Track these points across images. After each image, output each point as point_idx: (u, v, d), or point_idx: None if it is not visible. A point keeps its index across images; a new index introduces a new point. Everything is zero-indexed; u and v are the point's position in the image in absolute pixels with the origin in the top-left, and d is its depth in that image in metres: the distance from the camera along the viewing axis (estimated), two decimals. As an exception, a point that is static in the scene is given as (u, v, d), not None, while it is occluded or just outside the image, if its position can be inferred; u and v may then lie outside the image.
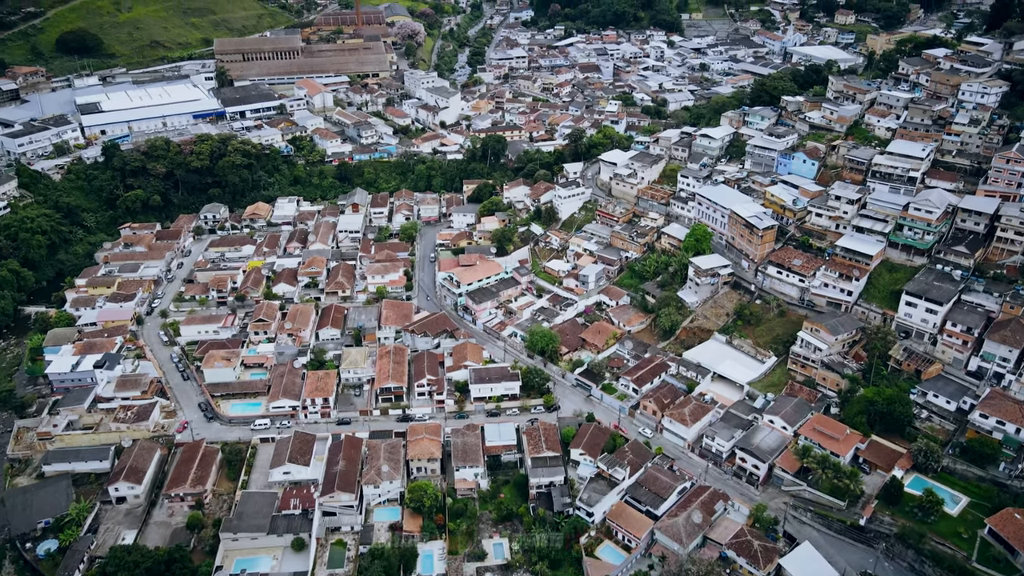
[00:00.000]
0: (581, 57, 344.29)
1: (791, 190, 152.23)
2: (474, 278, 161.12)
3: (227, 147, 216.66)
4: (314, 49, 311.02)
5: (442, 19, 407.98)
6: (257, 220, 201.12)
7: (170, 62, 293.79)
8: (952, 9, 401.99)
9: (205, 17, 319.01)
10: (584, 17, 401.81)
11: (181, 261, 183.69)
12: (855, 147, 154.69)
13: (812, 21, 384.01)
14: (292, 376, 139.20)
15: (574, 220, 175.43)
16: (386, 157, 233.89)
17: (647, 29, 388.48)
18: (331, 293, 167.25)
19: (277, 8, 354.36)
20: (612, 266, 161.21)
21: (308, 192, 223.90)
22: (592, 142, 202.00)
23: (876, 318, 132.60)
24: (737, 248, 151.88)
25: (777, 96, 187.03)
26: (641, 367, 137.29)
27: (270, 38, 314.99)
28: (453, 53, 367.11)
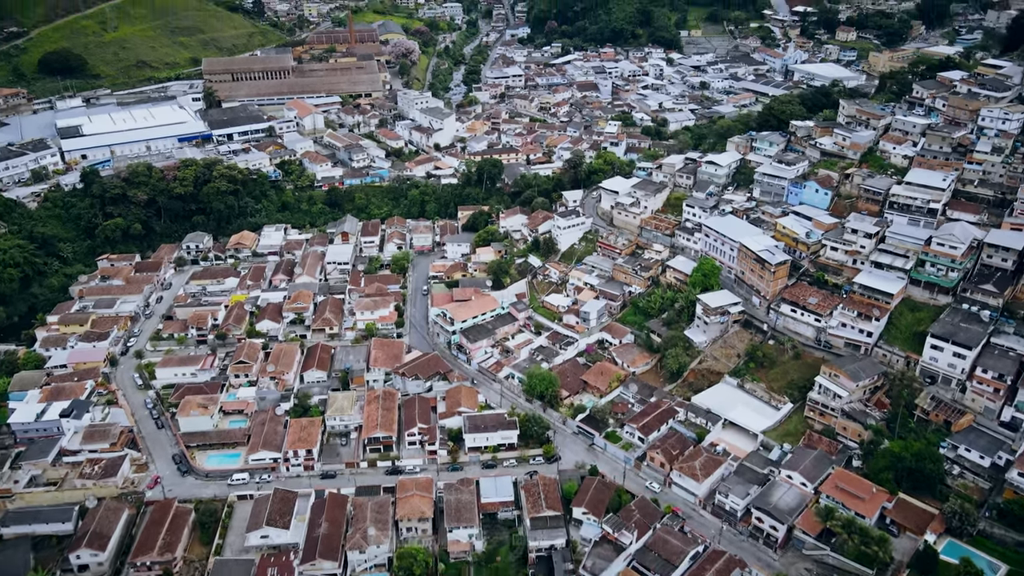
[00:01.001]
0: (579, 75, 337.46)
1: (804, 222, 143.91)
2: (469, 315, 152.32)
3: (212, 172, 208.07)
4: (305, 68, 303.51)
5: (437, 36, 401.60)
6: (242, 250, 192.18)
7: (157, 82, 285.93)
8: (954, 26, 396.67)
9: (194, 36, 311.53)
10: (581, 34, 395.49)
11: (161, 295, 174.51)
12: (870, 176, 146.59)
13: (813, 38, 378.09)
14: (274, 424, 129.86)
15: (574, 251, 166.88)
16: (378, 181, 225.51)
17: (645, 46, 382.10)
18: (318, 330, 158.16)
19: (268, 26, 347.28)
20: (615, 301, 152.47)
21: (297, 218, 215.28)
22: (592, 168, 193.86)
23: (899, 362, 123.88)
24: (747, 283, 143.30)
25: (785, 120, 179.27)
26: (647, 413, 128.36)
27: (260, 57, 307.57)
28: (448, 71, 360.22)
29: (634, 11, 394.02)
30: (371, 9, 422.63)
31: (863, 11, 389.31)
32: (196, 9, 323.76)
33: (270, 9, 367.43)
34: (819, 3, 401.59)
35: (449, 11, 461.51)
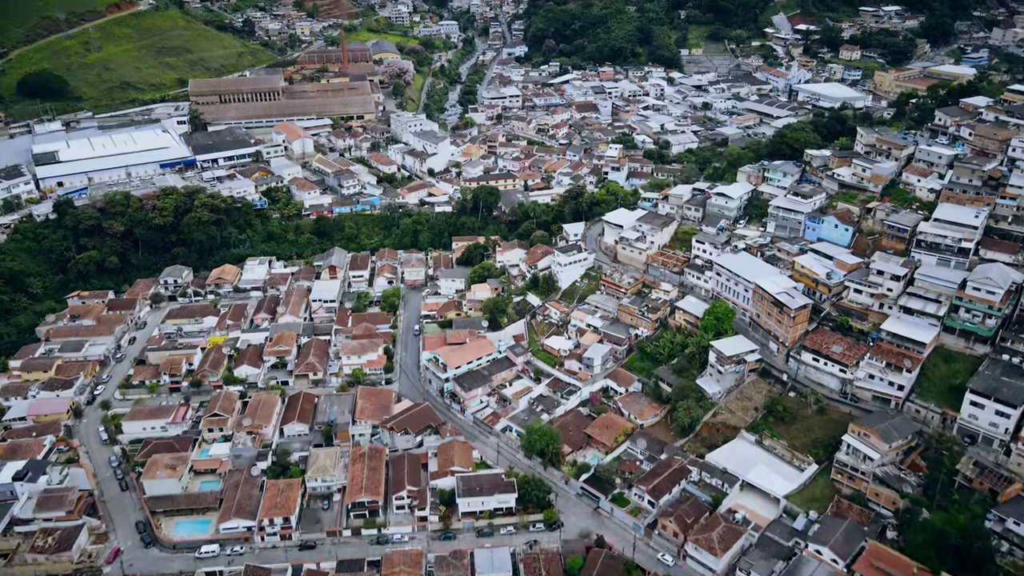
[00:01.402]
0: (578, 95, 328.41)
1: (824, 261, 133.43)
2: (463, 360, 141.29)
3: (194, 201, 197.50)
4: (296, 90, 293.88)
5: (432, 55, 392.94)
6: (223, 285, 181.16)
7: (141, 104, 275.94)
8: (959, 44, 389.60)
9: (181, 56, 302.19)
10: (580, 53, 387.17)
11: (134, 336, 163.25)
12: (894, 211, 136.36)
13: (816, 57, 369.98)
14: (248, 487, 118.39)
15: (575, 290, 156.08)
16: (369, 210, 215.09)
17: (645, 65, 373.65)
18: (301, 376, 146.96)
19: (259, 46, 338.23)
20: (620, 345, 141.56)
21: (283, 249, 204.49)
22: (594, 199, 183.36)
23: (934, 418, 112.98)
24: (764, 328, 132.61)
25: (799, 149, 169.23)
26: (657, 473, 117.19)
27: (249, 78, 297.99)
28: (444, 91, 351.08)
29: (633, 29, 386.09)
30: (365, 28, 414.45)
31: (866, 29, 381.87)
32: (184, 29, 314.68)
33: (261, 28, 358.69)
34: (821, 21, 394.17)
35: (445, 29, 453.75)
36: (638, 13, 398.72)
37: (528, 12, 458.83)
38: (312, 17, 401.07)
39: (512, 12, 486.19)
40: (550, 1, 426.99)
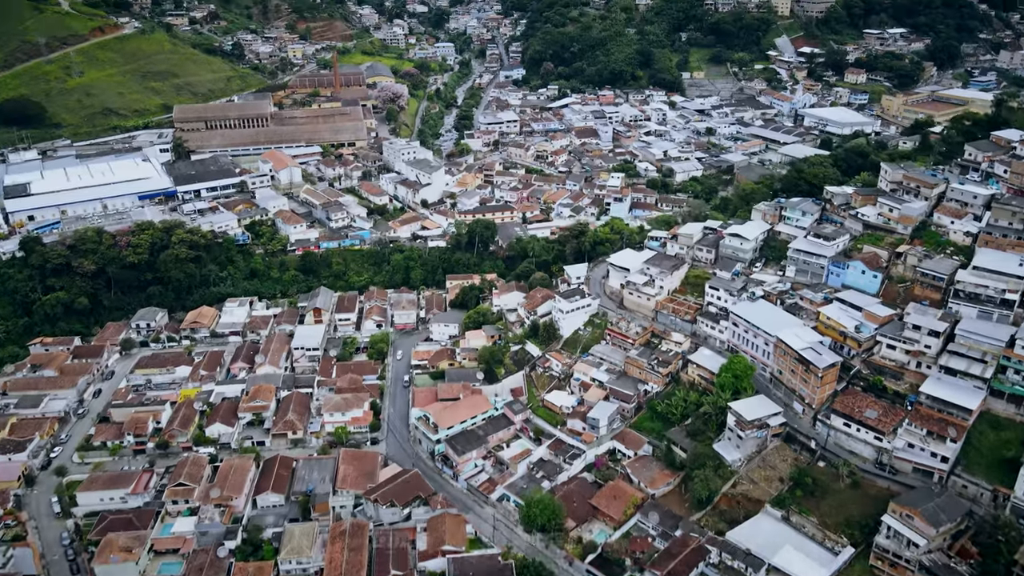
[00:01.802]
0: (577, 120, 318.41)
1: (852, 312, 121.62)
2: (455, 420, 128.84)
3: (171, 237, 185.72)
4: (285, 116, 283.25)
5: (427, 79, 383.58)
6: (199, 329, 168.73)
7: (123, 131, 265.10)
8: (966, 67, 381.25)
9: (167, 81, 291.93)
10: (579, 76, 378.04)
11: (100, 387, 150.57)
12: (927, 256, 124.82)
13: (821, 80, 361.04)
14: (213, 571, 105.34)
15: (579, 338, 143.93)
16: (358, 244, 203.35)
17: (646, 88, 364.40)
18: (279, 435, 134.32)
19: (249, 70, 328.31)
20: (628, 403, 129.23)
21: (266, 287, 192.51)
22: (597, 238, 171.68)
23: (984, 495, 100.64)
24: (787, 385, 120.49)
25: (818, 185, 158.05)
26: (672, 554, 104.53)
27: (237, 103, 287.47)
28: (439, 115, 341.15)
29: (633, 52, 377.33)
30: (359, 50, 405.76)
31: (871, 52, 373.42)
32: (171, 53, 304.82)
33: (251, 52, 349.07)
34: (825, 44, 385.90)
35: (441, 51, 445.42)
36: (638, 36, 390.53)
37: (526, 34, 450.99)
38: (305, 40, 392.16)
39: (509, 34, 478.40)
40: (548, 24, 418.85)
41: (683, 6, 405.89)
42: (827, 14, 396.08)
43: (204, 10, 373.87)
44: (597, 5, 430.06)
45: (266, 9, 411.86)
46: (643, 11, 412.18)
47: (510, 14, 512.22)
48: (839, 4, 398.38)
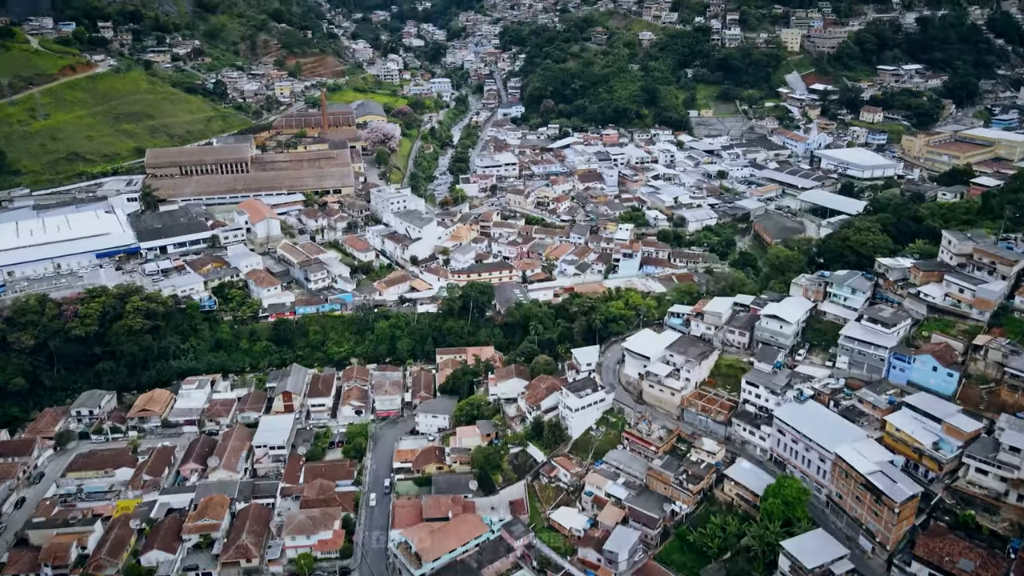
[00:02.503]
0: (580, 162, 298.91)
1: (927, 423, 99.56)
2: (444, 549, 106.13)
3: (126, 305, 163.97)
4: (266, 160, 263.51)
5: (422, 117, 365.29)
6: (149, 418, 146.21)
7: (90, 178, 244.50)
8: (986, 105, 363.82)
9: (141, 123, 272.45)
10: (581, 114, 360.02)
11: (23, 496, 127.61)
12: (1014, 351, 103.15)
13: (835, 119, 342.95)
14: None
15: (590, 440, 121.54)
16: (339, 310, 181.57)
17: (652, 127, 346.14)
18: (229, 563, 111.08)
19: (231, 109, 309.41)
20: (652, 528, 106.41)
21: (234, 360, 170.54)
22: (609, 314, 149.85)
23: None
24: (849, 514, 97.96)
25: (866, 255, 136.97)
26: None
27: (215, 147, 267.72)
28: (433, 156, 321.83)
29: (638, 89, 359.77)
30: (351, 87, 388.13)
31: (887, 90, 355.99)
32: (147, 92, 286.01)
33: (235, 90, 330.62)
34: (838, 81, 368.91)
35: (437, 87, 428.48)
36: (642, 72, 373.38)
37: (525, 70, 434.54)
38: (294, 76, 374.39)
39: (508, 69, 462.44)
40: (548, 59, 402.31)
41: (688, 41, 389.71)
42: (839, 50, 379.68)
43: (188, 46, 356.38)
44: (599, 40, 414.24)
45: (254, 45, 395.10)
46: (647, 47, 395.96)
47: (508, 48, 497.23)
48: (851, 40, 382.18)
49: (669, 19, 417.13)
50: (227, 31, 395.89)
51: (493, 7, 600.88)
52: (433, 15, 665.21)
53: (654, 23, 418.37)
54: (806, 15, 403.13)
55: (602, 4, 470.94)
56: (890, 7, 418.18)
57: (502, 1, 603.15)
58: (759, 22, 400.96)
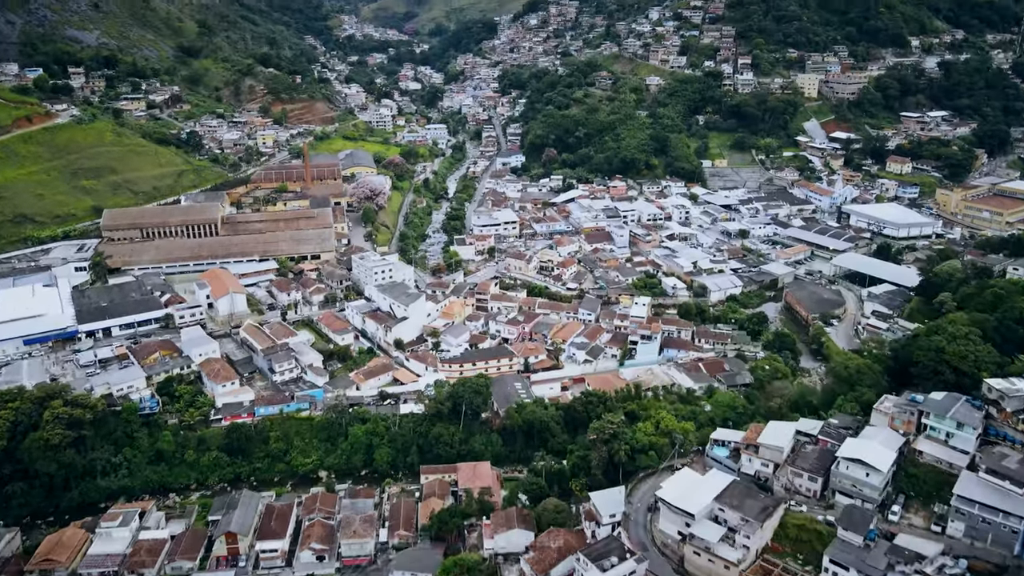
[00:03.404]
0: (586, 219, 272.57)
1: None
2: None
3: (43, 412, 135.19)
4: (238, 221, 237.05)
5: (415, 167, 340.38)
6: (55, 570, 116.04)
7: (37, 243, 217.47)
8: (1018, 154, 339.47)
9: (102, 178, 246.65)
10: (586, 163, 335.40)
11: None
12: None
13: (861, 170, 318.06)
14: None
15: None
16: (307, 410, 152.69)
17: (662, 179, 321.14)
18: None
19: (206, 162, 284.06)
20: None
21: (176, 475, 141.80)
22: (637, 444, 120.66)
23: None
24: None
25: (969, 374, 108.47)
26: None
27: (182, 206, 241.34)
28: (426, 211, 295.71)
29: (647, 138, 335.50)
30: (340, 135, 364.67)
31: (913, 138, 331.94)
32: (112, 144, 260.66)
33: (213, 140, 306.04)
34: (860, 129, 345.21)
35: (432, 134, 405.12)
36: (650, 119, 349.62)
37: (525, 115, 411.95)
38: (279, 124, 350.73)
39: (507, 114, 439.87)
40: (550, 105, 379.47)
41: (699, 87, 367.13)
42: (860, 96, 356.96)
43: (166, 93, 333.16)
44: (603, 86, 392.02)
45: (238, 90, 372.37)
46: (655, 92, 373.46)
47: (508, 92, 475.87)
48: (871, 85, 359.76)
49: (677, 63, 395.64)
50: (210, 76, 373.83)
51: (492, 50, 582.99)
52: (431, 58, 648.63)
53: (661, 67, 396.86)
54: (822, 59, 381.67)
55: (606, 48, 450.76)
56: (909, 51, 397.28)
57: (501, 44, 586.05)
58: (772, 67, 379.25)
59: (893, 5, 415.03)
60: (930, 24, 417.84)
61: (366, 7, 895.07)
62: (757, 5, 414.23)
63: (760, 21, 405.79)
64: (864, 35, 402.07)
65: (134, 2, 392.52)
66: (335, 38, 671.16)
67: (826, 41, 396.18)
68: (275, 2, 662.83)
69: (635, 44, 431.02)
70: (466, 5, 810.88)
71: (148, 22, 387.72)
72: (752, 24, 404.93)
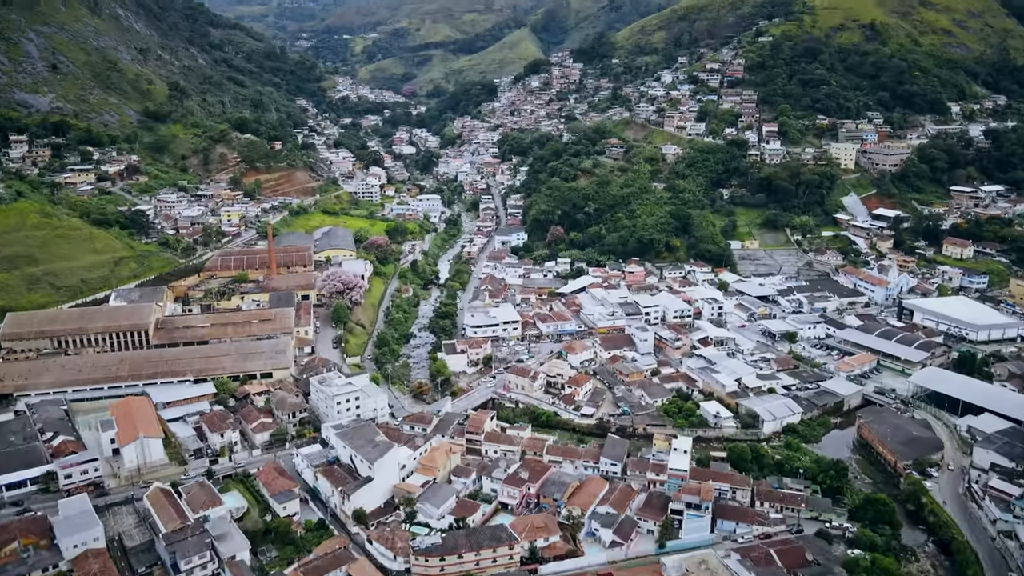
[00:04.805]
0: (601, 316, 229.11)
1: None
2: None
3: None
4: (176, 325, 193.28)
5: (402, 246, 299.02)
6: None
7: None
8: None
9: (19, 270, 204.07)
10: (597, 244, 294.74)
11: None
12: None
13: (914, 253, 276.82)
14: None
15: None
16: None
17: (686, 263, 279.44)
18: None
19: (154, 246, 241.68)
20: None
21: None
22: None
23: None
24: None
25: None
26: None
27: (108, 308, 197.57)
28: (412, 303, 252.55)
29: (666, 215, 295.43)
30: (320, 209, 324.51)
31: (970, 215, 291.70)
32: (36, 228, 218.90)
33: (167, 218, 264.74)
34: (906, 204, 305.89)
35: (424, 206, 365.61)
36: (669, 193, 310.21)
37: (527, 185, 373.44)
38: (250, 197, 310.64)
39: (508, 183, 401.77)
40: (555, 176, 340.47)
41: (721, 157, 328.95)
42: (903, 168, 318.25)
43: (122, 163, 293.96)
44: (614, 154, 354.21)
45: (207, 159, 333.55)
46: (672, 162, 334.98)
47: (508, 158, 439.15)
48: (916, 156, 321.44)
49: (695, 130, 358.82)
50: (177, 144, 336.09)
51: (491, 113, 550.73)
52: (427, 120, 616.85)
53: (678, 135, 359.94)
54: (856, 127, 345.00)
55: (615, 112, 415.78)
56: (950, 118, 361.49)
57: (501, 107, 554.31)
58: (801, 135, 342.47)
59: (927, 69, 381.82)
60: (969, 89, 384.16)
61: (363, 68, 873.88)
62: (780, 68, 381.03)
63: (784, 85, 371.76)
64: (898, 101, 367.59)
65: (99, 63, 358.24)
66: (328, 99, 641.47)
67: (858, 107, 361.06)
68: (267, 64, 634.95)
69: (648, 109, 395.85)
70: (466, 67, 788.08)
71: (113, 84, 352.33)
72: (776, 88, 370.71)
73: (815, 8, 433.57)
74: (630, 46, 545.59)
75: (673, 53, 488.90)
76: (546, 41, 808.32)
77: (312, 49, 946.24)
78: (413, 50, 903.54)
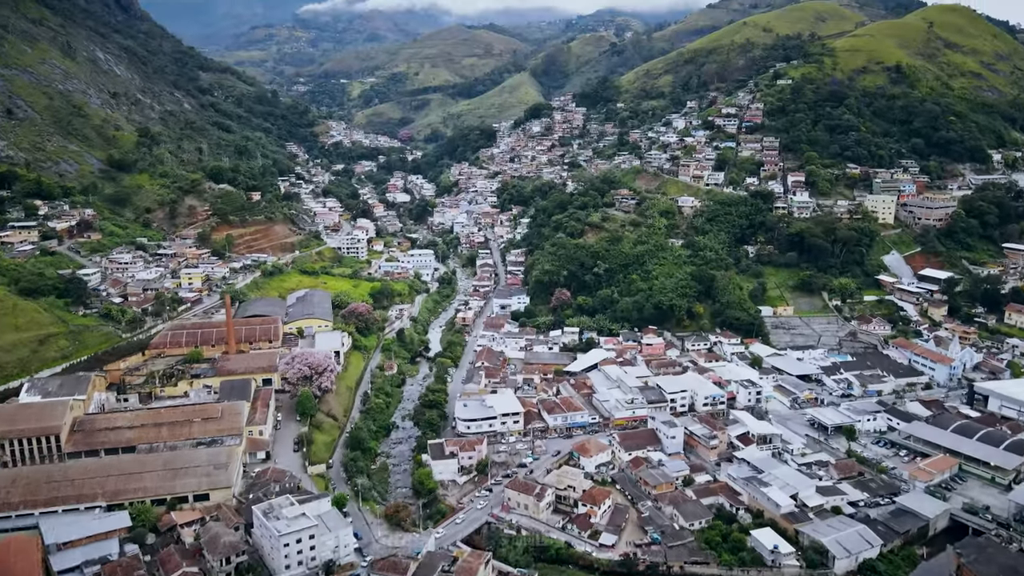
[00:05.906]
0: (618, 404, 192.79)
1: None
2: None
3: None
4: (98, 427, 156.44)
5: (388, 311, 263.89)
6: None
7: None
8: None
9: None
10: (609, 309, 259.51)
11: None
12: None
13: (973, 322, 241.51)
14: None
15: None
16: None
17: (710, 332, 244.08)
18: None
19: (94, 319, 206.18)
20: None
21: None
22: None
23: None
24: None
25: None
26: None
27: (15, 405, 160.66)
28: (396, 382, 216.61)
29: (687, 276, 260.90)
30: (298, 268, 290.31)
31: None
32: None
33: (115, 284, 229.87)
34: (956, 264, 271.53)
35: (415, 262, 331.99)
36: (688, 251, 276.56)
37: (528, 239, 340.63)
38: (219, 256, 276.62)
39: (508, 236, 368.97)
40: (560, 231, 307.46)
41: (744, 210, 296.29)
42: (950, 223, 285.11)
43: (73, 218, 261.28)
44: (625, 207, 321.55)
45: (174, 213, 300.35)
46: (689, 215, 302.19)
47: (507, 207, 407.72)
48: (963, 209, 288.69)
49: (714, 180, 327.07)
50: (141, 196, 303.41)
51: (490, 159, 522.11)
52: (424, 166, 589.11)
53: (695, 185, 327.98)
54: (891, 176, 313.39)
55: (623, 160, 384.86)
56: (991, 166, 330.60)
57: (500, 153, 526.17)
58: (831, 185, 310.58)
59: (962, 113, 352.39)
60: (1007, 135, 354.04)
61: (360, 112, 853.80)
62: (803, 112, 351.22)
63: (809, 131, 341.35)
64: (934, 148, 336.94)
65: (62, 107, 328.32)
66: (321, 144, 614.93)
67: (891, 155, 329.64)
68: (257, 108, 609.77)
69: (660, 157, 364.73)
70: (464, 111, 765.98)
71: (75, 130, 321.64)
72: (799, 134, 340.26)
73: (835, 50, 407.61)
74: (635, 90, 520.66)
75: (681, 97, 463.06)
76: (547, 85, 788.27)
77: (309, 93, 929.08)
78: (411, 94, 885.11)
